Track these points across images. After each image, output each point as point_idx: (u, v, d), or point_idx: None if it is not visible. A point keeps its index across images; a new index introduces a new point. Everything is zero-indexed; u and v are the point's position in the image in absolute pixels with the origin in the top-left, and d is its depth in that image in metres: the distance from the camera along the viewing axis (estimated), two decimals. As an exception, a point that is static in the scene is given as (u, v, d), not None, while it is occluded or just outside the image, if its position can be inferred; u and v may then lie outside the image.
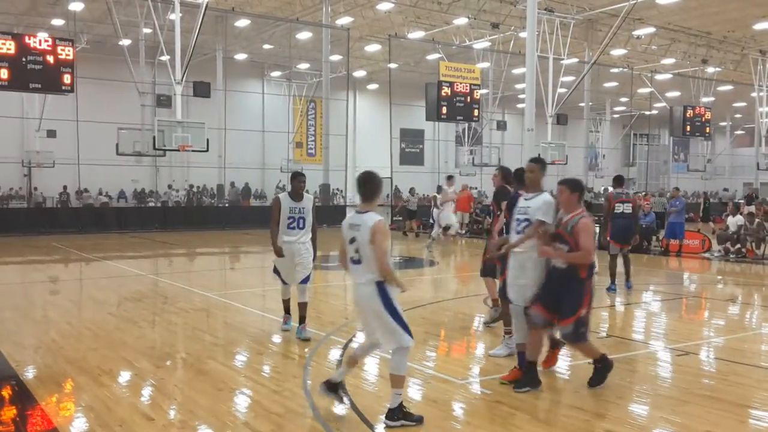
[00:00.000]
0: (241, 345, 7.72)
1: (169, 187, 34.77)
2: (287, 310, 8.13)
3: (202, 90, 22.51)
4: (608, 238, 11.56)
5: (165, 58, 22.03)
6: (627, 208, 11.38)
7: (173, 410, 5.39)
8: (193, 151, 21.93)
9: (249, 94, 38.40)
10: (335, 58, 33.15)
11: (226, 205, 33.11)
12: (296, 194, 7.57)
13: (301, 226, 7.59)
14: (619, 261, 11.53)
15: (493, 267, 7.61)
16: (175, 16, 21.09)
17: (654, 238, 18.83)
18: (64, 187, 31.03)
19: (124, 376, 6.35)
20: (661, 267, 15.88)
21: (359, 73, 41.37)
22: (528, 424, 5.12)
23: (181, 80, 21.10)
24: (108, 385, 5.99)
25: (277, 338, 8.15)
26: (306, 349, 7.31)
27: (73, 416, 5.31)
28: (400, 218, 27.71)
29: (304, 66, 36.37)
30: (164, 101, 25.62)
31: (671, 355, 7.33)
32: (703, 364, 7.21)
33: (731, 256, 16.88)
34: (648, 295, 11.91)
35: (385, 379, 6.17)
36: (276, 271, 7.91)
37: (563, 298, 5.74)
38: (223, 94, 31.78)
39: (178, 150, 21.71)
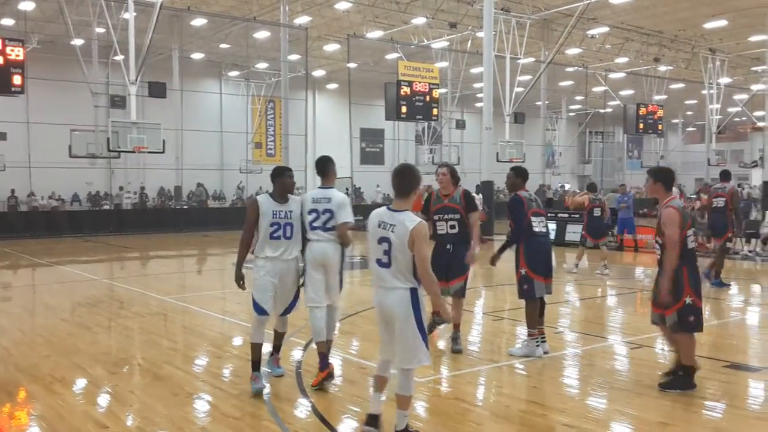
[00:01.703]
0: (199, 349, 7.61)
1: (121, 189, 34.12)
2: (257, 365, 5.85)
3: (157, 90, 22.13)
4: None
5: (119, 57, 21.62)
6: (720, 202, 11.58)
7: (128, 417, 5.28)
8: (148, 152, 21.58)
9: (206, 94, 37.92)
10: (294, 57, 32.97)
11: (185, 207, 32.66)
12: (282, 195, 5.92)
13: (288, 235, 5.87)
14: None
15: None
16: (128, 15, 20.73)
17: (609, 233, 19.20)
18: (12, 191, 30.21)
19: (78, 384, 6.20)
20: (615, 262, 16.18)
21: (318, 73, 41.21)
22: (487, 420, 5.17)
23: (136, 80, 20.75)
24: (61, 393, 5.84)
25: (237, 341, 8.06)
26: (265, 352, 7.23)
27: (25, 426, 5.16)
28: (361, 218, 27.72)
29: (262, 65, 36.08)
30: (118, 102, 25.07)
31: (626, 349, 7.48)
32: (657, 356, 7.36)
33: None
34: (603, 289, 12.12)
35: (347, 380, 6.18)
36: (255, 300, 5.90)
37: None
38: (180, 95, 31.31)
39: (134, 152, 21.34)
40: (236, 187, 38.81)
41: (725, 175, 12.14)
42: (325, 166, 6.13)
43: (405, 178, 4.50)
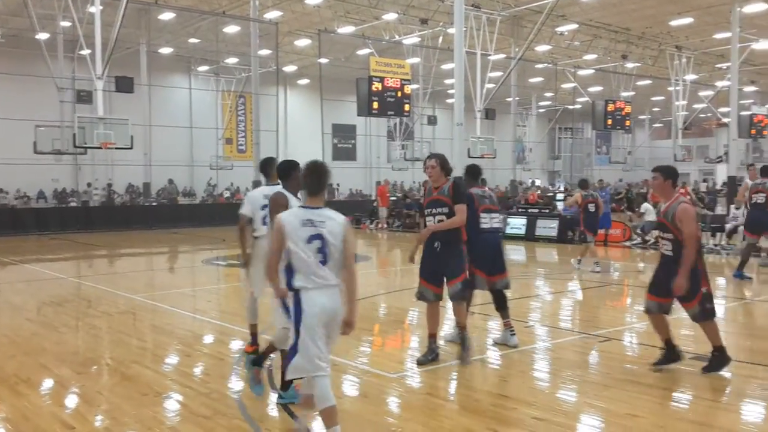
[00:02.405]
0: (169, 348, 7.52)
1: (88, 185, 33.54)
2: (260, 361, 5.65)
3: (124, 85, 21.81)
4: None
5: (85, 52, 21.24)
6: (760, 198, 11.63)
7: (96, 418, 5.20)
8: (116, 148, 21.24)
9: (175, 90, 37.46)
10: (264, 52, 32.70)
11: (154, 204, 32.25)
12: (296, 192, 5.46)
13: None
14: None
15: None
16: (95, 9, 20.35)
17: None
18: (-24, 188, 29.60)
19: (44, 385, 6.09)
20: (585, 256, 16.36)
21: (289, 68, 40.96)
22: (458, 414, 5.19)
23: (102, 75, 20.40)
24: (26, 394, 5.72)
25: (207, 339, 7.99)
26: (236, 349, 7.19)
27: (-12, 429, 5.05)
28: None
29: (232, 60, 35.74)
30: (85, 97, 24.68)
31: (595, 342, 7.57)
32: (625, 349, 7.48)
33: (649, 243, 17.57)
34: (573, 283, 12.26)
35: (317, 376, 6.16)
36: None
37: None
38: (148, 89, 30.88)
39: (100, 147, 21.00)
40: (207, 184, 38.47)
41: (766, 171, 11.94)
42: (269, 167, 6.25)
43: (320, 176, 4.44)
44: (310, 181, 4.42)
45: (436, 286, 6.51)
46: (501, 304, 7.16)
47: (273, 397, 5.57)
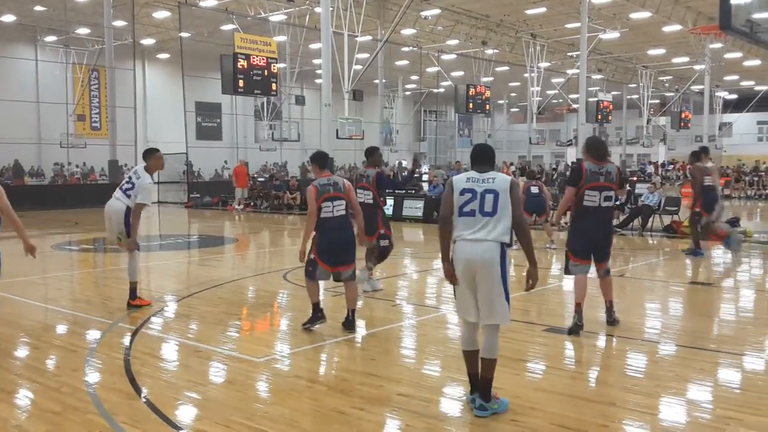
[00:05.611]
0: (14, 341, 6.93)
1: None
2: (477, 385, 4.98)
3: (-42, 54, 19.79)
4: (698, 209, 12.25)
5: None
6: (710, 180, 12.15)
7: (-74, 422, 4.70)
8: (-51, 124, 19.29)
9: (19, 61, 34.51)
10: (119, 23, 30.81)
11: (-4, 185, 29.66)
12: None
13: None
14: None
15: None
16: None
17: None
18: None
19: None
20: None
21: (147, 42, 38.90)
22: (325, 395, 5.19)
23: (-70, 42, 18.35)
24: None
25: (59, 330, 7.47)
26: (91, 339, 6.77)
27: None
28: (198, 195, 26.83)
29: (83, 31, 33.38)
30: None
31: (456, 318, 7.84)
32: (485, 323, 7.80)
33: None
34: (438, 262, 12.64)
35: (183, 365, 5.94)
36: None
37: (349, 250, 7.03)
38: (-14, 60, 28.20)
39: (-70, 123, 18.98)
40: (54, 164, 35.86)
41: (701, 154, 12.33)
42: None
43: None
44: None
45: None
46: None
47: (133, 389, 5.29)
